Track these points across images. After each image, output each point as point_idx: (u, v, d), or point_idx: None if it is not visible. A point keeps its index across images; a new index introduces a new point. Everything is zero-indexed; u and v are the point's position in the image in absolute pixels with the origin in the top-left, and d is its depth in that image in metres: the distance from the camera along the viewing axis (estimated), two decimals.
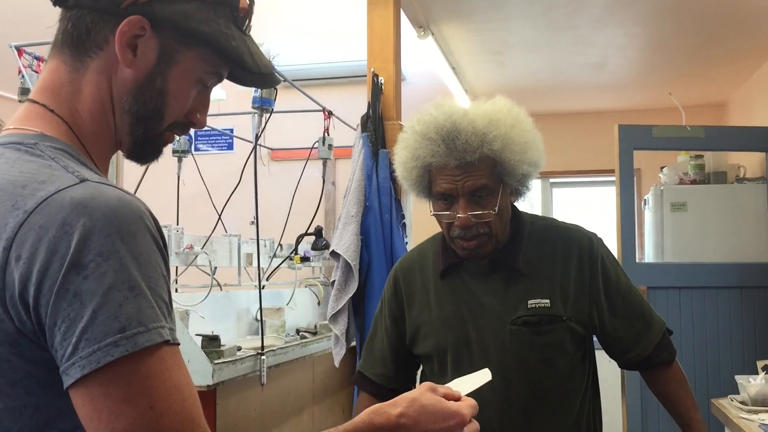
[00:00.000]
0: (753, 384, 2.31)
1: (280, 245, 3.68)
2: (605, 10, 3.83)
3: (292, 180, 3.88)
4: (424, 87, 4.97)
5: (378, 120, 3.24)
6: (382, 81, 3.24)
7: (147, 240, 0.77)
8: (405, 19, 3.67)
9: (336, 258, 3.11)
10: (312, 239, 3.71)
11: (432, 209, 1.57)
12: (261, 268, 2.98)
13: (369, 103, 3.26)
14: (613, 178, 3.99)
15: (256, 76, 0.94)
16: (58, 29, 0.89)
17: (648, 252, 4.55)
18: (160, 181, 3.15)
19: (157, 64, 0.88)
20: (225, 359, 2.51)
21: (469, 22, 4.02)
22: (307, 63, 4.84)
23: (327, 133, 3.68)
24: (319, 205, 3.69)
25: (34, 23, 4.03)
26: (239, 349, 2.77)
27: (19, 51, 2.53)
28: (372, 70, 3.27)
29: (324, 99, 3.76)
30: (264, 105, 2.71)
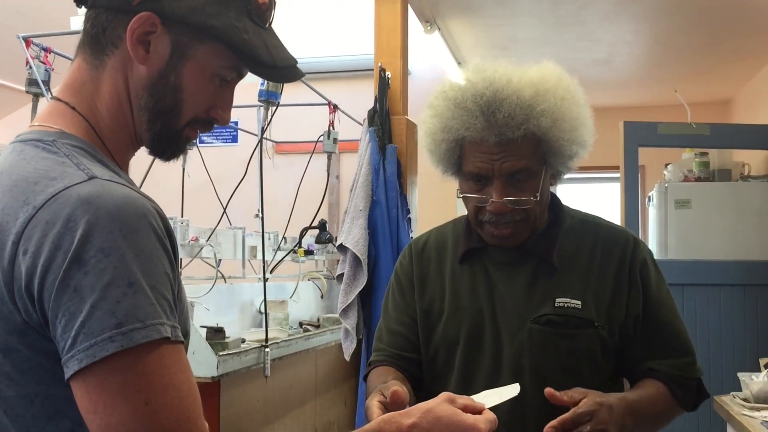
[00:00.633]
0: (756, 381, 2.32)
1: (284, 238, 3.69)
2: (613, 6, 3.82)
3: (296, 173, 3.89)
4: (429, 82, 4.97)
5: (385, 115, 3.24)
6: (389, 76, 3.23)
7: (150, 238, 0.78)
8: (411, 14, 3.66)
9: (343, 252, 3.12)
10: (316, 232, 3.72)
11: (459, 189, 1.36)
12: (265, 260, 2.98)
13: (376, 98, 3.26)
14: (618, 174, 3.99)
15: (272, 69, 0.93)
16: (83, 28, 0.91)
17: (652, 249, 4.53)
18: (165, 174, 3.16)
19: (170, 60, 0.88)
20: (230, 351, 2.52)
21: (477, 17, 4.02)
22: (313, 56, 4.83)
23: (332, 127, 3.69)
24: (324, 199, 3.70)
25: (41, 14, 4.05)
26: (243, 342, 2.78)
27: (27, 42, 2.54)
28: (379, 64, 3.27)
29: (329, 92, 3.76)
30: (270, 98, 2.71)
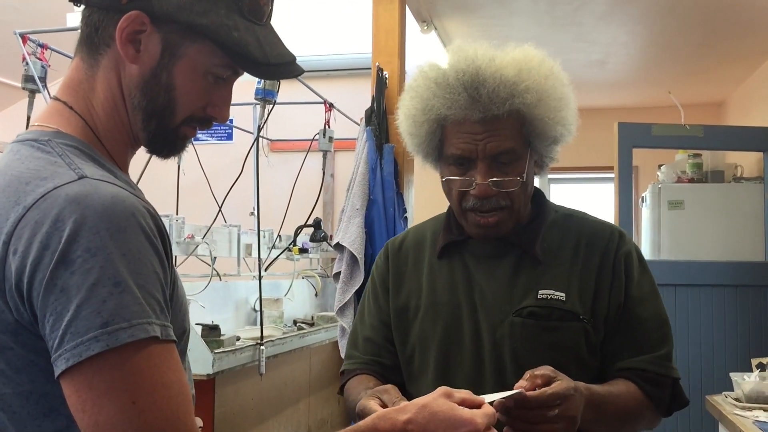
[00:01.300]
0: (747, 381, 2.33)
1: (279, 236, 3.69)
2: (609, 7, 3.84)
3: (290, 171, 3.89)
4: None
5: (382, 114, 3.25)
6: (386, 75, 3.24)
7: (138, 237, 0.77)
8: (408, 14, 3.67)
9: (340, 250, 3.13)
10: (310, 231, 3.72)
11: (442, 174, 1.30)
12: (260, 258, 2.99)
13: (373, 97, 3.27)
14: (612, 175, 4.01)
15: (264, 67, 0.91)
16: (80, 27, 0.91)
17: (645, 249, 4.56)
18: (160, 171, 3.16)
19: (161, 58, 0.88)
20: (225, 349, 2.53)
21: (473, 17, 4.03)
22: (308, 55, 4.84)
23: (328, 125, 3.69)
24: (319, 197, 3.70)
25: (38, 11, 4.04)
26: (238, 339, 2.79)
27: (24, 38, 2.54)
28: (377, 64, 3.27)
29: (324, 91, 3.76)
30: (267, 96, 2.72)
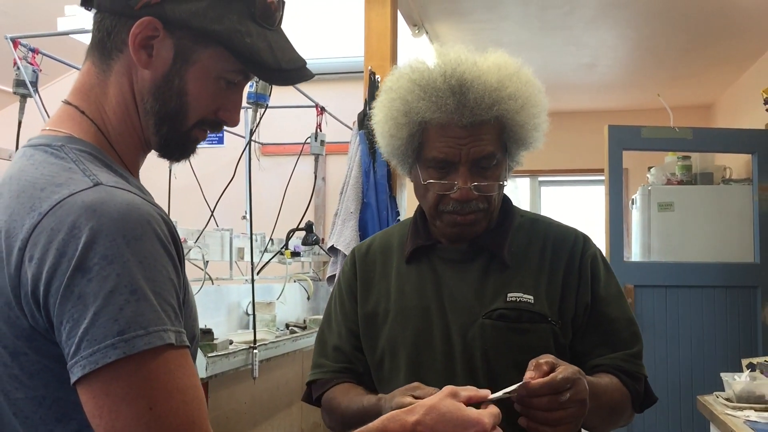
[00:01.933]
0: (738, 381, 2.35)
1: (271, 240, 3.69)
2: (599, 11, 3.87)
3: (282, 175, 3.89)
4: None
5: None
6: (378, 79, 3.25)
7: (154, 244, 0.78)
8: (399, 17, 3.69)
9: (334, 254, 3.13)
10: (302, 234, 3.72)
11: (422, 178, 1.29)
12: (253, 262, 2.99)
13: (366, 101, 3.28)
14: (602, 177, 4.03)
15: (276, 72, 0.92)
16: (92, 32, 0.91)
17: (635, 251, 4.60)
18: (152, 175, 3.15)
19: (174, 64, 0.88)
20: (218, 353, 2.52)
21: (464, 21, 4.05)
22: None
23: (319, 129, 3.70)
24: (311, 201, 3.71)
25: (28, 15, 4.02)
26: (231, 343, 2.79)
27: (15, 43, 2.53)
28: (369, 68, 3.28)
29: (316, 94, 3.77)
30: (259, 100, 2.71)
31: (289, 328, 3.54)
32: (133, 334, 0.74)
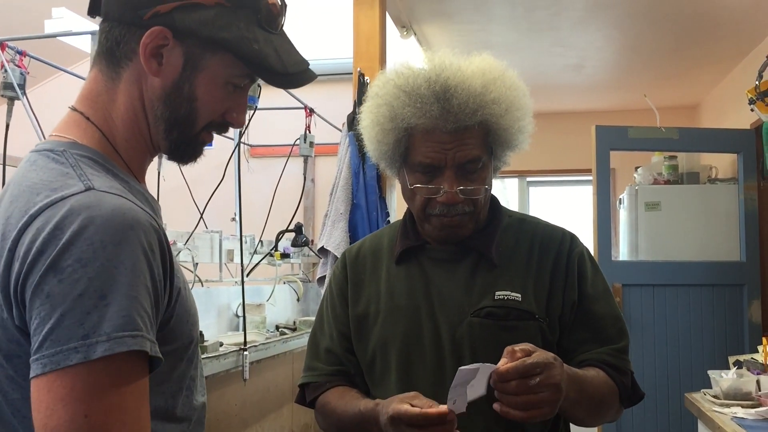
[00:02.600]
0: (725, 378, 2.38)
1: (260, 242, 3.69)
2: (585, 13, 3.89)
3: (271, 176, 3.89)
4: None
5: None
6: (367, 80, 3.26)
7: (134, 250, 0.78)
8: (388, 19, 3.70)
9: (324, 255, 3.14)
10: (292, 236, 3.72)
11: (409, 182, 1.31)
12: (243, 264, 2.99)
13: (355, 103, 3.28)
14: (590, 177, 4.06)
15: (283, 76, 0.95)
16: (98, 40, 0.93)
17: (623, 250, 4.63)
18: None
19: (183, 71, 0.90)
20: (208, 355, 2.52)
21: (452, 22, 4.06)
22: None
23: (308, 131, 3.70)
24: (300, 202, 3.71)
25: (15, 18, 4.00)
26: (221, 345, 2.79)
27: (2, 45, 2.51)
28: (358, 69, 3.29)
29: (304, 96, 3.77)
30: (248, 102, 2.71)
31: (279, 329, 3.54)
32: (95, 339, 0.74)
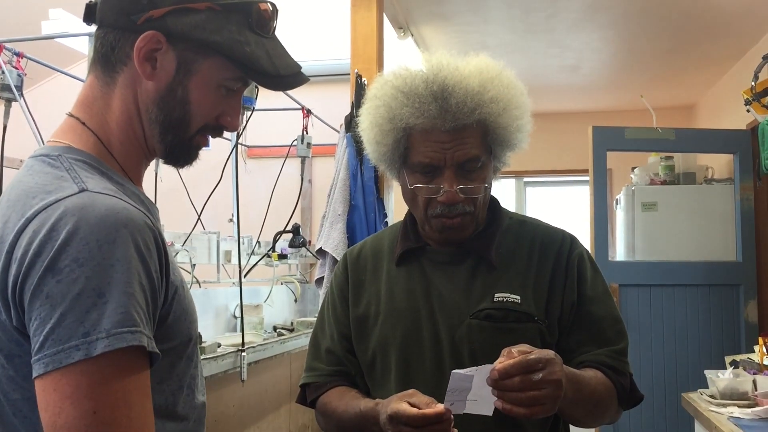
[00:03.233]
0: (722, 378, 2.39)
1: (258, 242, 3.69)
2: (582, 14, 3.90)
3: (268, 177, 3.89)
4: None
5: None
6: (365, 82, 3.26)
7: (128, 248, 0.80)
8: (385, 21, 3.70)
9: (323, 256, 3.14)
10: (289, 236, 3.72)
11: (409, 182, 1.31)
12: (241, 265, 2.99)
13: (352, 104, 3.29)
14: (587, 178, 4.07)
15: (275, 79, 0.96)
16: (94, 47, 0.94)
17: (619, 250, 4.64)
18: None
19: (176, 74, 0.92)
20: (206, 356, 2.52)
21: (449, 24, 4.07)
22: None
23: (305, 131, 3.70)
24: (297, 203, 3.71)
25: (13, 19, 4.00)
26: (219, 346, 2.79)
27: None
28: (356, 71, 3.29)
29: (302, 97, 3.77)
30: (245, 103, 2.71)
31: (277, 330, 3.54)
32: (95, 336, 0.76)
